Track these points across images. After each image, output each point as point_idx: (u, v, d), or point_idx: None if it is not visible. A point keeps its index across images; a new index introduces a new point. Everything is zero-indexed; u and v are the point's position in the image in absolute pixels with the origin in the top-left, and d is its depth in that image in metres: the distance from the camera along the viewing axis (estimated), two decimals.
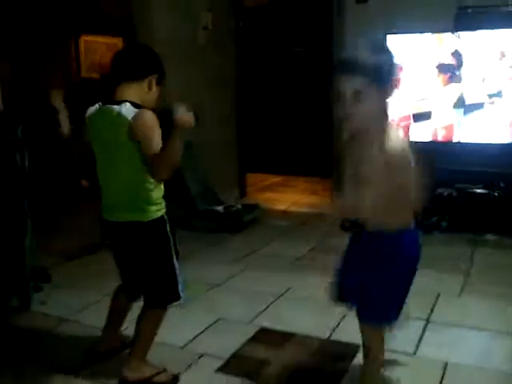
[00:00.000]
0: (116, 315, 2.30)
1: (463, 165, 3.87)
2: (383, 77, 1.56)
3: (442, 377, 2.16)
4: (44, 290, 3.04)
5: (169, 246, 2.05)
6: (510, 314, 2.71)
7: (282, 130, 6.89)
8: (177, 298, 2.10)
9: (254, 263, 3.55)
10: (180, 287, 2.09)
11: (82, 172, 4.88)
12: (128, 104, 1.91)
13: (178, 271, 2.08)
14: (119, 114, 1.90)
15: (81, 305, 2.84)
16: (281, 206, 5.19)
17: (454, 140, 4.07)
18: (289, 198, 5.59)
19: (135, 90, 1.97)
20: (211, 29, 4.89)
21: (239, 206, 4.53)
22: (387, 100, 1.61)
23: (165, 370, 2.18)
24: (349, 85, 1.55)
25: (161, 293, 2.10)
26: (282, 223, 4.56)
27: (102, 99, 2.00)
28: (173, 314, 2.72)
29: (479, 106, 3.98)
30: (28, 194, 2.84)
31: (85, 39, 5.95)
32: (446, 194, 3.79)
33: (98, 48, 5.92)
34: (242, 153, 5.65)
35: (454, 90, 4.03)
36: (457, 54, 4.01)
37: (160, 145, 1.89)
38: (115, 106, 1.92)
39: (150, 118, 1.91)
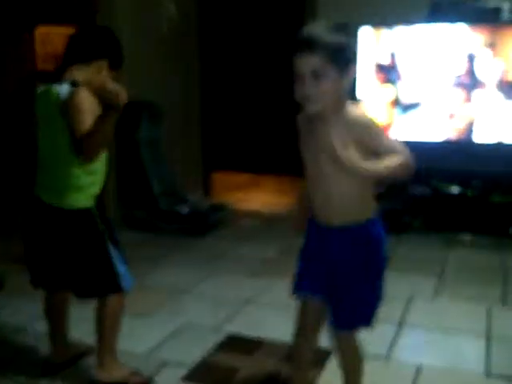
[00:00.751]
0: (55, 320, 2.22)
1: (437, 163, 3.85)
2: (342, 57, 1.50)
3: (416, 380, 2.13)
4: None
5: (99, 241, 1.97)
6: (482, 315, 2.71)
7: (250, 126, 6.79)
8: (116, 289, 2.01)
9: (220, 267, 3.46)
10: (121, 278, 2.00)
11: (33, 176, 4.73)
12: (67, 85, 1.88)
13: (119, 265, 2.00)
14: (58, 93, 1.88)
15: (38, 312, 2.68)
16: (249, 206, 5.11)
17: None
18: (257, 197, 5.50)
19: (83, 72, 1.95)
20: (174, 20, 4.79)
21: (205, 206, 4.42)
22: (347, 83, 1.54)
23: (138, 372, 2.14)
24: (307, 64, 1.48)
25: (92, 284, 2.01)
26: (250, 224, 4.47)
27: (51, 79, 1.97)
28: (136, 320, 2.65)
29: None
30: None
31: (40, 30, 5.78)
32: (419, 193, 3.75)
33: (54, 39, 5.75)
34: (208, 150, 5.54)
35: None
36: (393, 55, 4.04)
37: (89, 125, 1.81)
38: (57, 85, 1.90)
39: (82, 97, 1.84)
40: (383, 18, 4.04)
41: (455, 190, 3.94)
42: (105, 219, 2.01)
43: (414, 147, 1.60)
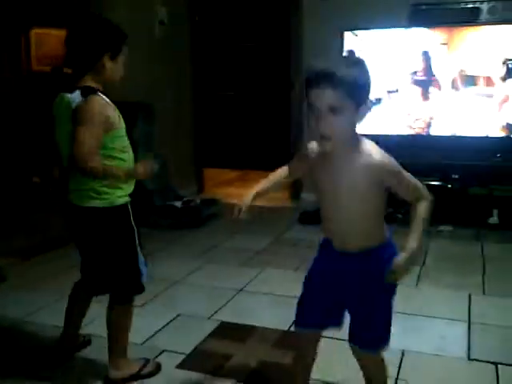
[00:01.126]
0: (75, 313, 2.25)
1: (417, 157, 3.96)
2: (359, 93, 1.45)
3: (400, 365, 2.19)
4: None
5: (132, 237, 2.02)
6: (463, 302, 2.79)
7: (240, 124, 6.88)
8: (140, 289, 2.09)
9: (213, 258, 3.55)
10: (143, 279, 2.07)
11: (33, 168, 4.78)
12: (78, 91, 1.90)
13: (142, 265, 2.06)
14: (68, 101, 1.90)
15: (39, 305, 2.76)
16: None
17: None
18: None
19: (92, 76, 1.96)
20: (167, 23, 4.86)
21: (198, 201, 4.51)
22: (361, 117, 1.49)
23: (148, 361, 2.20)
24: (325, 99, 1.41)
25: (123, 285, 2.06)
26: (241, 218, 4.55)
27: (64, 87, 1.99)
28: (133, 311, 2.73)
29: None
30: None
31: (36, 32, 5.80)
32: None
33: (49, 41, 5.79)
34: (199, 148, 5.62)
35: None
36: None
37: (90, 141, 1.83)
38: (69, 94, 1.92)
39: (93, 104, 1.87)
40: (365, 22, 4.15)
41: (435, 183, 4.04)
42: (136, 220, 2.04)
43: (392, 141, 1.66)
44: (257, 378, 2.15)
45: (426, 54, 4.01)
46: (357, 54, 1.56)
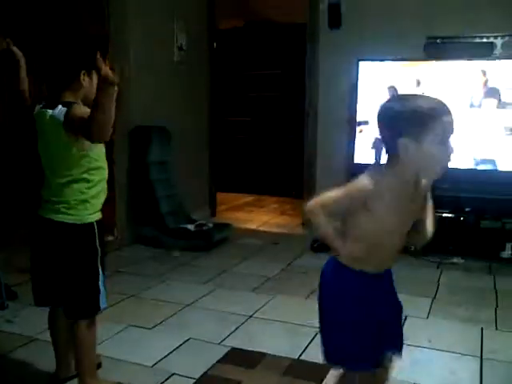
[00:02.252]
0: (60, 340, 2.25)
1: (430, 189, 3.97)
2: None
3: None
4: (10, 308, 2.98)
5: (95, 256, 2.03)
6: (475, 336, 2.76)
7: (254, 150, 6.97)
8: (96, 310, 2.07)
9: (224, 283, 3.55)
10: (101, 299, 2.06)
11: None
12: (60, 106, 1.93)
13: (101, 283, 2.06)
14: (52, 117, 1.94)
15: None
16: (251, 226, 5.21)
17: None
18: (259, 217, 5.62)
19: (69, 92, 2.00)
20: (186, 49, 4.94)
21: (210, 225, 4.53)
22: None
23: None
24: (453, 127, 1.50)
25: (79, 303, 2.06)
26: (252, 243, 4.57)
27: (45, 101, 2.03)
28: (143, 333, 2.73)
29: None
30: None
31: None
32: None
33: None
34: (214, 172, 5.67)
35: None
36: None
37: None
38: (49, 110, 1.95)
39: (78, 107, 1.92)
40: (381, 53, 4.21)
41: (448, 215, 4.05)
42: (101, 238, 2.06)
43: None
44: None
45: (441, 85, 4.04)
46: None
